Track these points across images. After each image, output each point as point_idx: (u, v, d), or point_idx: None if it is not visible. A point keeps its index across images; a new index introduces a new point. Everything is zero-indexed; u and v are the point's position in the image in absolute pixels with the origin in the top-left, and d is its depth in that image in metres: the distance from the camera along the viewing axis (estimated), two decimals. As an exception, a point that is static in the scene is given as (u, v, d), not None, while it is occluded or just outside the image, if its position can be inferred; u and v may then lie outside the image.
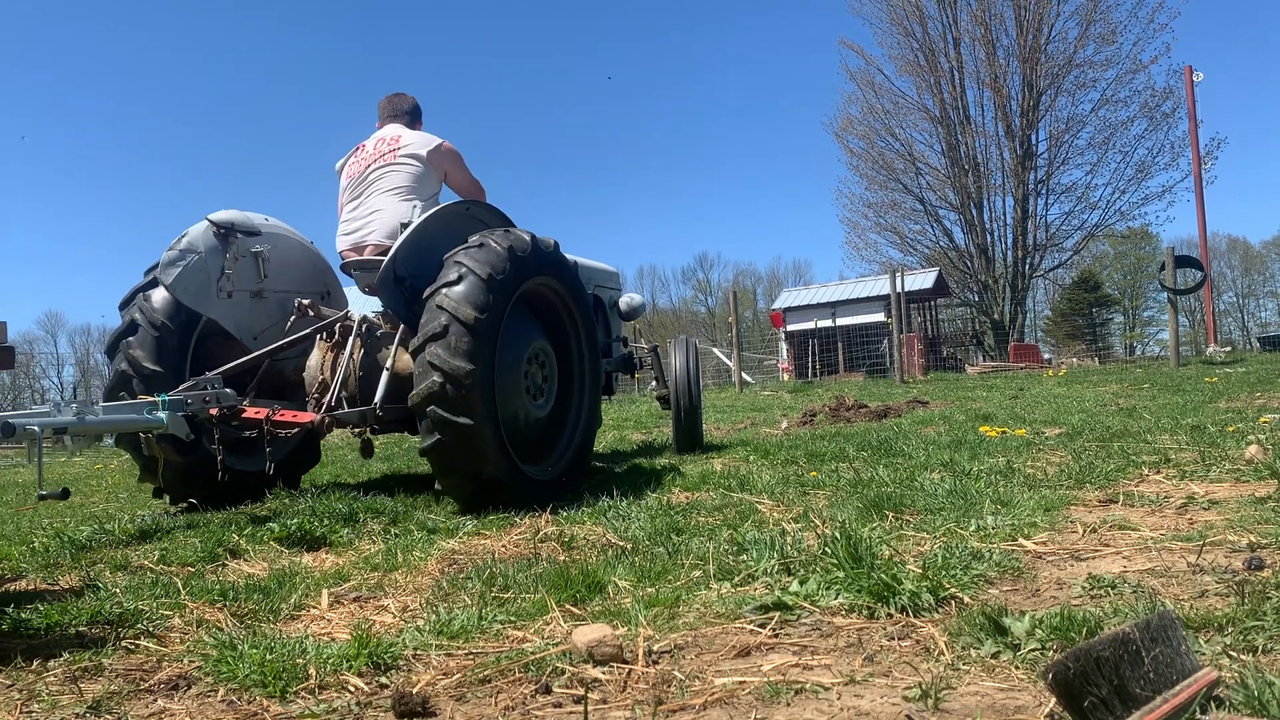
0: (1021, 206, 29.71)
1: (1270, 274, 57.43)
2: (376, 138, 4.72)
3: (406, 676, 1.90)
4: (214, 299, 4.47)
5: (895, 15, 30.69)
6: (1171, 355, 14.51)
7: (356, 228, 4.60)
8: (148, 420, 3.63)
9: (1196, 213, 20.87)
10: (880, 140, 31.28)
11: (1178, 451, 4.45)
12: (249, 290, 4.66)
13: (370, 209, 4.56)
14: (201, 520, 4.06)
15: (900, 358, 15.37)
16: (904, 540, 2.83)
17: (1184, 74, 22.02)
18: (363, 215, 4.58)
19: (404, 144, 4.60)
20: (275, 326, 4.77)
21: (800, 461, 4.99)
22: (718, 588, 2.45)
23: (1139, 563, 2.47)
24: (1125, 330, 52.00)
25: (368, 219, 4.56)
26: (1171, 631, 1.50)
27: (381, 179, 4.56)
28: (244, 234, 4.57)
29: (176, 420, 3.71)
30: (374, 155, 4.63)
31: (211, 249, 4.46)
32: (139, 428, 3.69)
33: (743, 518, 3.42)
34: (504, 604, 2.43)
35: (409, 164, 4.56)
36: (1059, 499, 3.38)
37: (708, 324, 54.54)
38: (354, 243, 4.60)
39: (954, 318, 30.62)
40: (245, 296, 4.64)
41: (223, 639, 2.08)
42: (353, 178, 4.67)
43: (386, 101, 4.87)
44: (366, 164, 4.63)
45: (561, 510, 3.87)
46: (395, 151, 4.58)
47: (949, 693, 1.62)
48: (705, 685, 1.75)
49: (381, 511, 4.03)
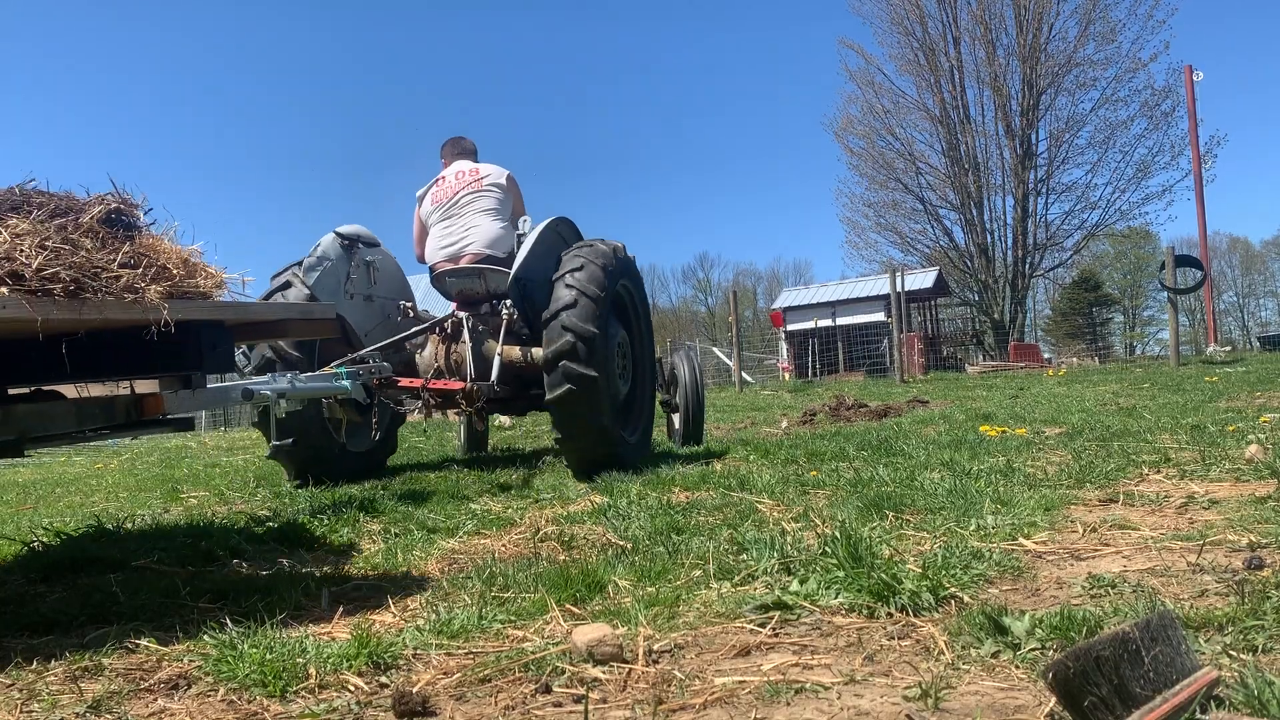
0: (1021, 206, 29.73)
1: (1270, 274, 57.47)
2: (455, 170, 5.64)
3: (406, 676, 1.90)
4: (343, 300, 5.30)
5: (895, 15, 30.74)
6: (1171, 355, 14.52)
7: (452, 241, 5.48)
8: (338, 386, 4.27)
9: (1196, 212, 20.91)
10: (880, 140, 31.34)
11: (1178, 451, 4.45)
12: (363, 295, 5.54)
13: (466, 226, 5.48)
14: (202, 520, 4.07)
15: (900, 357, 15.38)
16: (904, 540, 2.83)
17: (1184, 73, 22.05)
18: (458, 231, 5.48)
19: (484, 175, 5.58)
20: (379, 327, 5.60)
21: (800, 461, 4.99)
22: (718, 587, 2.45)
23: (1139, 562, 2.47)
24: (1125, 330, 52.00)
25: (465, 234, 5.46)
26: (1171, 631, 1.50)
27: (473, 203, 5.51)
28: (363, 245, 5.50)
29: (357, 386, 4.33)
30: (460, 184, 5.56)
31: (339, 257, 5.35)
32: (332, 392, 4.37)
33: (743, 517, 3.42)
34: (504, 604, 2.43)
35: (493, 191, 5.56)
36: (1059, 498, 3.38)
37: (708, 324, 54.56)
38: (451, 254, 5.47)
39: (954, 317, 30.63)
40: (360, 300, 5.52)
41: (223, 639, 2.07)
42: (439, 202, 5.55)
43: (451, 144, 5.86)
44: (454, 191, 5.54)
45: (561, 510, 3.88)
46: (479, 181, 5.55)
47: (949, 692, 1.62)
48: (705, 685, 1.75)
49: (382, 511, 4.04)
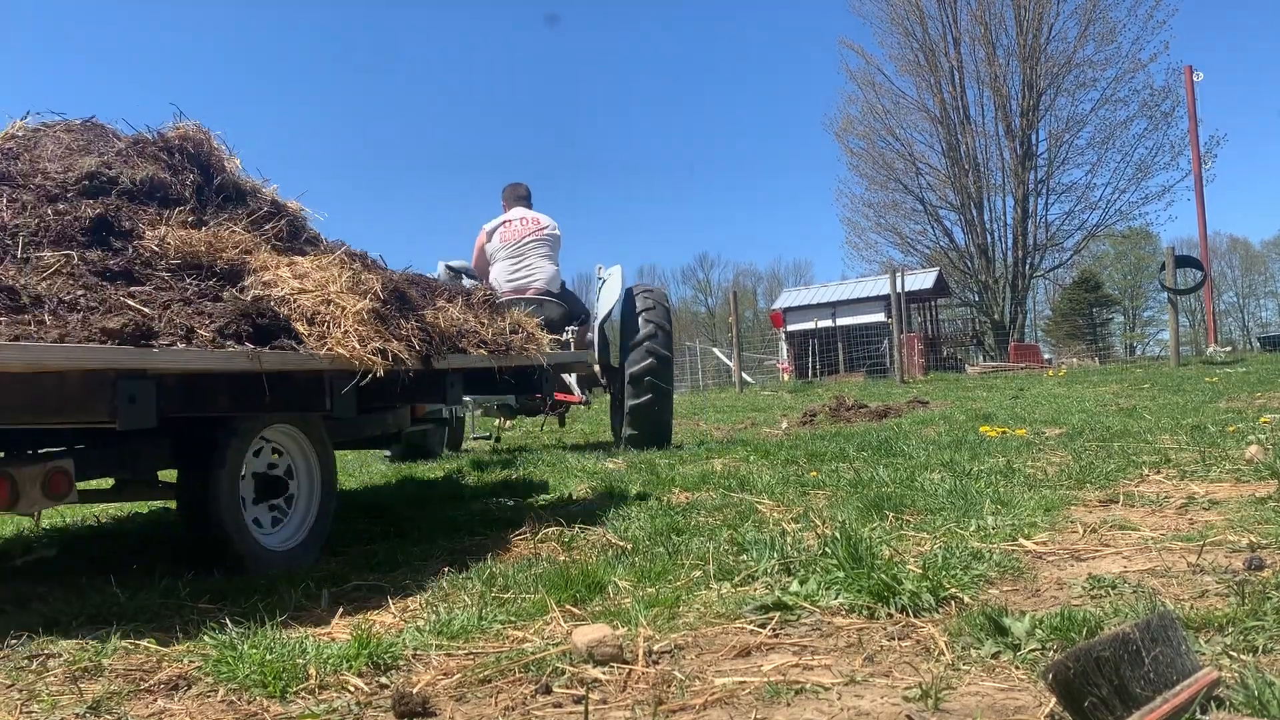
0: (1021, 206, 29.71)
1: (1270, 274, 57.42)
2: (519, 216, 6.77)
3: (406, 677, 1.90)
4: None
5: (895, 15, 30.70)
6: (1172, 355, 14.51)
7: (520, 277, 6.60)
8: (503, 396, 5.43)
9: (1196, 212, 20.89)
10: (880, 140, 31.29)
11: (1178, 451, 4.45)
12: None
13: (532, 265, 6.64)
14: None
15: (900, 358, 15.37)
16: (904, 540, 2.83)
17: (1184, 74, 22.03)
18: (525, 269, 6.63)
19: (544, 224, 6.74)
20: None
21: (800, 461, 4.99)
22: (718, 588, 2.45)
23: (1139, 563, 2.47)
24: (1125, 330, 51.97)
25: (531, 272, 6.61)
26: (1172, 631, 1.50)
27: (536, 248, 6.67)
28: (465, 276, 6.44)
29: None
30: (525, 230, 6.68)
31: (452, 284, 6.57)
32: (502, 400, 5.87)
33: (743, 518, 3.42)
34: (504, 604, 2.42)
35: (550, 239, 6.75)
36: (1059, 499, 3.38)
37: (708, 324, 54.52)
38: (517, 286, 6.52)
39: (954, 318, 30.61)
40: None
41: (223, 639, 2.07)
42: (508, 241, 6.66)
43: (511, 189, 6.99)
44: (521, 235, 6.65)
45: (561, 510, 3.88)
46: (540, 230, 6.71)
47: (949, 693, 1.62)
48: (705, 685, 1.75)
49: (382, 513, 4.04)
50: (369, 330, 2.89)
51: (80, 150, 3.18)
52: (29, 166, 3.04)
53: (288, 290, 2.86)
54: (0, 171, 2.96)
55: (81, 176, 2.98)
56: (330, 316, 2.83)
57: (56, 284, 2.41)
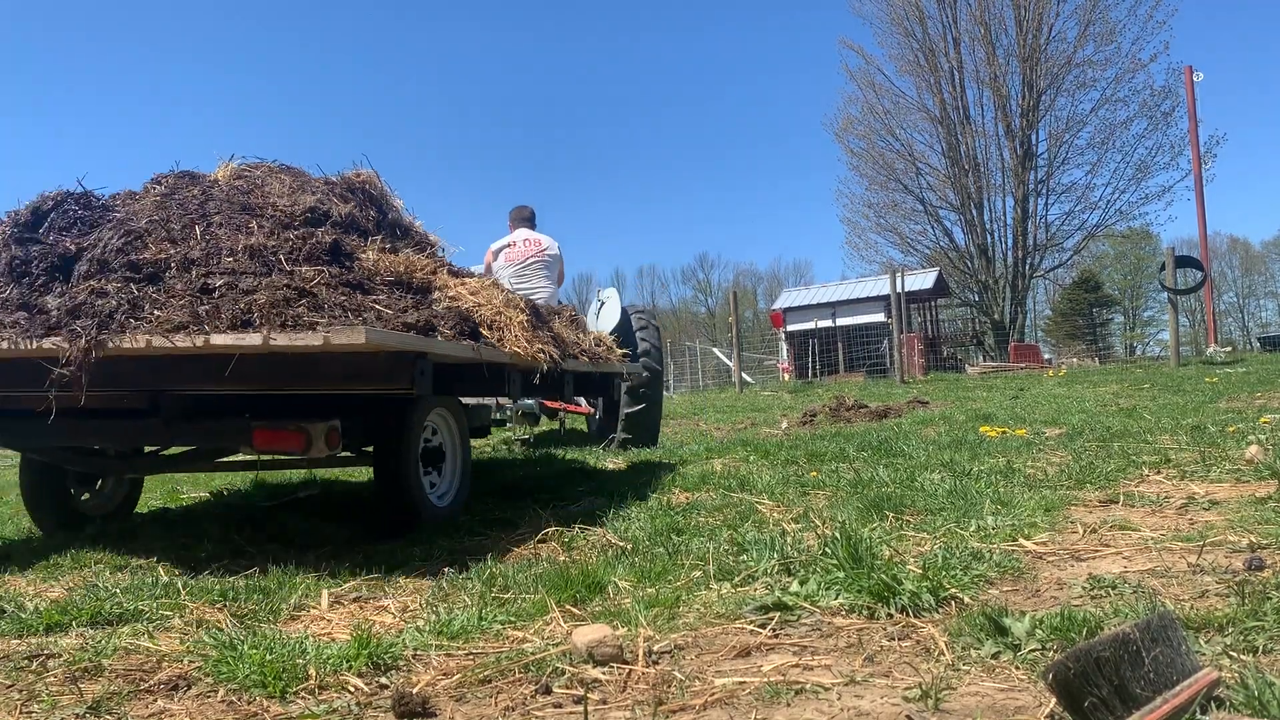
0: (1021, 206, 29.68)
1: (1270, 274, 57.37)
2: (523, 238, 7.12)
3: (406, 677, 1.90)
4: None
5: (895, 15, 30.65)
6: (1172, 355, 14.51)
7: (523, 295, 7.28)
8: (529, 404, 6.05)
9: (1196, 212, 20.86)
10: (880, 140, 31.25)
11: (1178, 452, 4.45)
12: None
13: (532, 286, 6.89)
14: (203, 519, 4.07)
15: (900, 358, 15.36)
16: (904, 540, 2.83)
17: (1184, 74, 22.02)
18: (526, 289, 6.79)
19: (545, 246, 7.12)
20: None
21: (800, 461, 4.99)
22: (718, 588, 2.45)
23: (1139, 563, 2.47)
24: (1125, 330, 51.92)
25: (533, 290, 6.81)
26: (1172, 632, 1.50)
27: (538, 271, 7.06)
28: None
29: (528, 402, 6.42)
30: (528, 251, 7.06)
31: None
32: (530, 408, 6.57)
33: (743, 518, 3.42)
34: (504, 604, 2.43)
35: (550, 260, 7.13)
36: (1059, 499, 3.38)
37: (708, 324, 54.49)
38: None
39: (954, 318, 30.59)
40: None
41: (223, 639, 2.07)
42: (512, 261, 7.03)
43: (516, 212, 7.34)
44: (524, 256, 7.04)
45: (561, 510, 3.88)
46: (542, 252, 7.10)
47: (949, 693, 1.62)
48: (705, 685, 1.75)
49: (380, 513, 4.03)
50: (529, 336, 3.83)
51: (299, 189, 3.88)
52: (261, 200, 3.71)
53: (468, 304, 3.62)
54: (243, 204, 3.63)
55: (304, 210, 3.65)
56: (502, 324, 3.72)
57: (322, 292, 3.03)
